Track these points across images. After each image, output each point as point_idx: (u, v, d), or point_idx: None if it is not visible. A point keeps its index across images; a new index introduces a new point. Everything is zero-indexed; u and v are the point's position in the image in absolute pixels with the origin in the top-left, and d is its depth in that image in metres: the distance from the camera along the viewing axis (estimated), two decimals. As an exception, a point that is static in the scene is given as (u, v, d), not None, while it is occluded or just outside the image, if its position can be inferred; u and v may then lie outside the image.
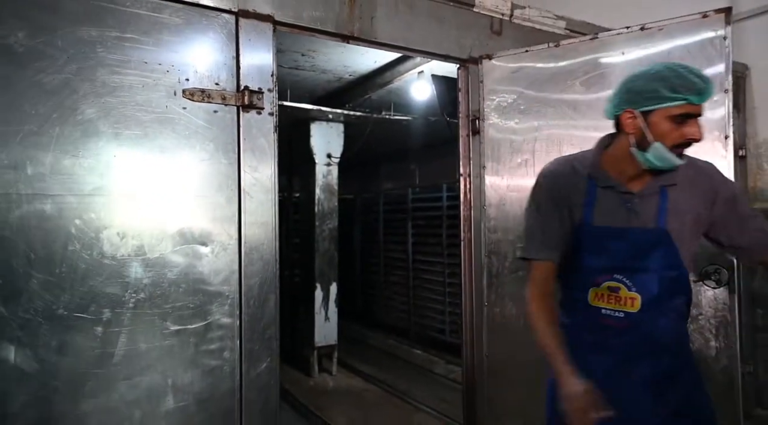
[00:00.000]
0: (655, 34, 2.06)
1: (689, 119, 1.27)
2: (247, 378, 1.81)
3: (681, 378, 1.39)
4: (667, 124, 1.27)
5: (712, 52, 1.93)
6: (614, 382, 1.34)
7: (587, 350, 1.39)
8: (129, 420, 1.61)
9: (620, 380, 1.36)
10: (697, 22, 1.98)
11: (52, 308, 1.51)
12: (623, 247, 1.37)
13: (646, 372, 1.37)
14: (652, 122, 1.29)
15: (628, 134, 1.34)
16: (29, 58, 1.49)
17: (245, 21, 1.84)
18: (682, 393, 1.38)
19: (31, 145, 1.49)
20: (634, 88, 1.32)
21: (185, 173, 1.73)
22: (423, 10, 2.25)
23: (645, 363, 1.37)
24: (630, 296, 1.36)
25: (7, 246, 1.45)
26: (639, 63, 2.11)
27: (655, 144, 1.29)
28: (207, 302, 1.75)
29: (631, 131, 1.32)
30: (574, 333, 1.42)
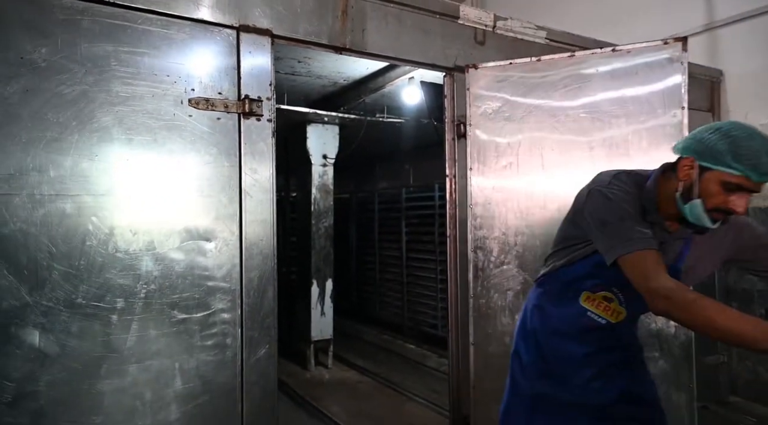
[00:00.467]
0: (624, 55, 2.28)
1: (740, 190, 1.28)
2: (247, 363, 1.98)
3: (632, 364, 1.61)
4: (717, 187, 1.29)
5: (670, 70, 2.14)
6: (589, 365, 1.53)
7: (564, 337, 1.56)
8: (140, 399, 1.77)
9: (594, 363, 1.54)
10: (659, 47, 2.20)
11: (71, 297, 1.68)
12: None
13: (615, 359, 1.56)
14: (705, 178, 1.30)
15: (679, 179, 1.37)
16: (51, 71, 1.65)
17: (245, 35, 2.00)
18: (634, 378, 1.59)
19: (54, 150, 1.65)
20: (705, 140, 1.31)
21: (191, 174, 1.89)
22: (410, 22, 2.41)
23: (614, 354, 1.55)
24: (618, 310, 1.49)
25: (33, 242, 1.62)
26: (610, 76, 2.32)
27: (696, 200, 1.32)
28: (211, 294, 1.92)
29: (683, 178, 1.35)
30: (548, 320, 1.59)
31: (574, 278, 1.52)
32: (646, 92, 2.21)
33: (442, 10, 2.51)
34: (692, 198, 1.33)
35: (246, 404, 1.96)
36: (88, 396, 1.70)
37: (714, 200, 1.30)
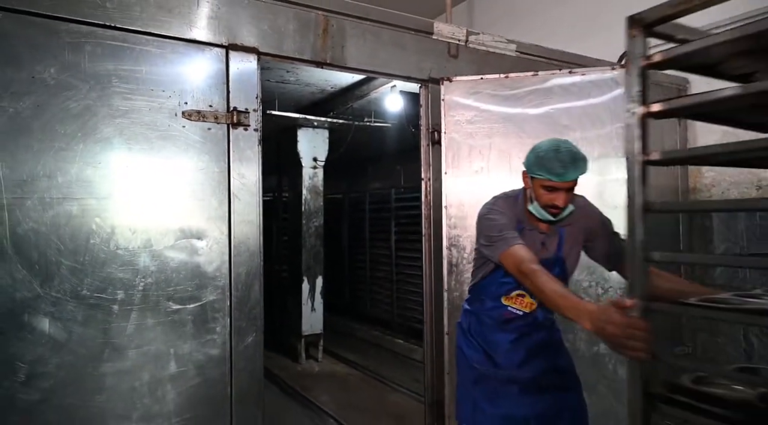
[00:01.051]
0: (578, 76, 2.52)
1: (555, 189, 1.71)
2: (236, 350, 2.18)
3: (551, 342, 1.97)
4: (540, 189, 1.74)
5: (616, 89, 2.43)
6: (515, 350, 1.90)
7: (491, 329, 1.93)
8: (139, 380, 1.98)
9: (519, 348, 1.90)
10: (606, 70, 2.54)
11: (77, 289, 1.88)
12: None
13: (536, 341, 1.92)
14: (534, 184, 1.76)
15: (525, 188, 1.85)
16: (59, 88, 1.86)
17: (234, 53, 2.21)
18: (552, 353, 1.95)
19: (61, 158, 1.86)
20: (529, 156, 1.77)
21: (184, 179, 2.10)
22: (387, 38, 2.62)
23: (532, 336, 1.92)
24: (530, 302, 1.89)
25: (43, 240, 1.82)
26: (568, 90, 2.56)
27: (534, 203, 1.78)
28: (202, 287, 2.13)
29: (526, 187, 1.83)
30: (478, 318, 1.97)
31: (490, 287, 1.91)
32: (596, 107, 2.46)
33: (416, 26, 2.72)
34: (532, 201, 1.78)
35: (235, 387, 2.17)
36: (92, 378, 1.91)
37: (542, 200, 1.74)
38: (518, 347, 1.91)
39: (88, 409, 1.88)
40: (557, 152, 1.69)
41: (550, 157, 1.69)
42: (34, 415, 1.80)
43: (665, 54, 1.17)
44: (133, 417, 1.96)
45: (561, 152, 1.69)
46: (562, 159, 1.68)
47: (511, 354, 1.90)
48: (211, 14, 2.17)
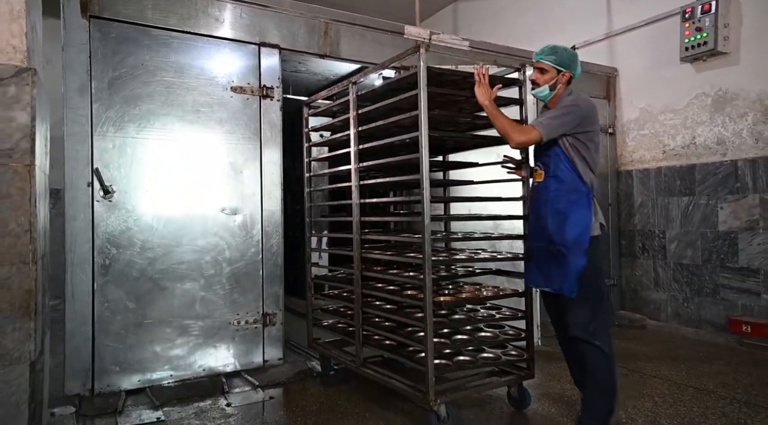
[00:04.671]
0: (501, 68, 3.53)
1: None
2: (265, 247, 3.27)
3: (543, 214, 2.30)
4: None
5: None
6: (531, 223, 2.42)
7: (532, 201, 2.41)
8: (205, 258, 3.07)
9: (531, 221, 2.40)
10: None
11: (170, 195, 2.98)
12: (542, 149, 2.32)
13: (536, 211, 2.34)
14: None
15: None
16: (156, 71, 2.95)
17: (263, 48, 3.30)
18: (541, 224, 2.30)
19: (162, 113, 2.95)
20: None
21: (233, 127, 3.18)
22: (370, 37, 3.69)
23: (534, 208, 2.36)
24: (539, 173, 2.30)
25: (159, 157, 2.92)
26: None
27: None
28: (244, 201, 3.21)
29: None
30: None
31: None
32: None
33: (392, 29, 3.78)
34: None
35: (264, 269, 3.26)
36: (178, 253, 3.00)
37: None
38: (531, 220, 2.37)
39: (175, 271, 2.98)
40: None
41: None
42: (146, 273, 2.90)
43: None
44: (201, 280, 3.05)
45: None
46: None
47: (530, 228, 2.39)
48: (248, 22, 3.25)
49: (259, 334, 3.24)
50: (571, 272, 2.12)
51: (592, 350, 2.13)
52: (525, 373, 2.59)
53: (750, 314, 3.91)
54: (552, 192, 2.23)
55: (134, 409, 2.62)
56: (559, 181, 2.22)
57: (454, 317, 2.62)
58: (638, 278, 4.77)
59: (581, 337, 2.14)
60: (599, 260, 2.25)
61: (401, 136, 2.49)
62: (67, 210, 2.73)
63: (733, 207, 4.05)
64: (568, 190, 2.19)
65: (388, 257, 2.74)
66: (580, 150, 2.19)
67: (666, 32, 4.50)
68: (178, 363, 2.98)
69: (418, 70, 2.26)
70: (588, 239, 2.14)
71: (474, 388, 2.52)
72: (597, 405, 2.16)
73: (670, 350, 3.72)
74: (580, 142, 2.19)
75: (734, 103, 4.07)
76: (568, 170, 2.20)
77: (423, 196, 2.23)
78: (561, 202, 2.20)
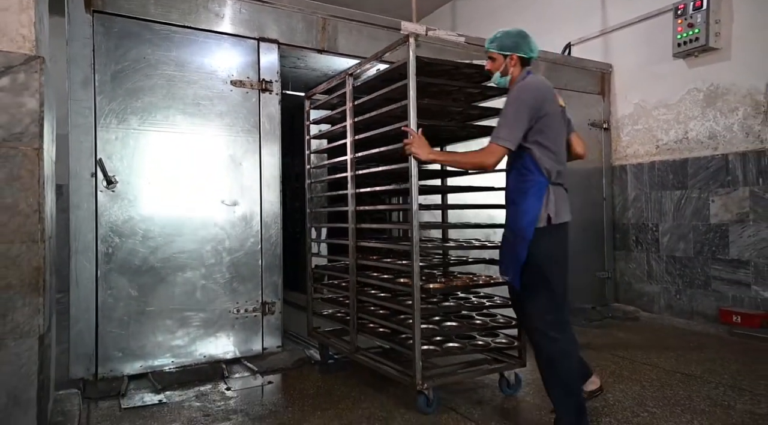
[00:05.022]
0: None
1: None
2: (264, 237, 3.35)
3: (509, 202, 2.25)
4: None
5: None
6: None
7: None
8: (206, 248, 3.14)
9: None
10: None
11: (174, 187, 3.05)
12: None
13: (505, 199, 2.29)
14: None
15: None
16: (157, 65, 3.03)
17: (263, 43, 3.37)
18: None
19: (163, 106, 3.03)
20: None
21: (233, 120, 3.26)
22: (366, 33, 3.77)
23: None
24: (507, 162, 2.23)
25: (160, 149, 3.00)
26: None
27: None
28: (244, 194, 3.29)
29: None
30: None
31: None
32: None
33: (388, 24, 3.86)
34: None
35: (263, 259, 3.34)
36: (179, 242, 3.08)
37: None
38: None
39: (176, 260, 3.06)
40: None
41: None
42: (148, 261, 2.98)
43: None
44: (201, 269, 3.13)
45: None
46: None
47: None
48: (248, 18, 3.32)
49: (259, 322, 3.31)
50: (514, 263, 2.11)
51: (548, 342, 2.05)
52: (516, 361, 2.65)
53: (740, 305, 3.99)
54: (511, 181, 2.22)
55: (137, 392, 2.70)
56: (515, 170, 2.17)
57: (444, 304, 2.70)
58: (632, 270, 4.85)
59: (539, 328, 2.07)
60: (552, 251, 2.09)
61: (392, 126, 2.57)
62: (72, 199, 2.80)
63: (724, 200, 4.12)
64: (522, 179, 2.13)
65: (377, 245, 2.83)
66: (537, 138, 2.09)
67: (659, 28, 4.58)
68: (179, 350, 3.06)
69: (408, 59, 2.34)
70: (532, 231, 2.06)
71: (463, 374, 2.59)
72: (567, 398, 2.04)
73: (661, 339, 3.79)
74: (535, 130, 2.08)
75: (725, 98, 4.15)
76: (523, 159, 2.12)
77: (411, 184, 2.32)
78: (514, 191, 2.18)
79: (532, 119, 2.06)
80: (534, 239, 2.06)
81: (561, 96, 2.29)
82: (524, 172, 2.12)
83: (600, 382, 2.42)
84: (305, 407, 2.51)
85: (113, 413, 2.44)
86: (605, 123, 5.00)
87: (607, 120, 5.02)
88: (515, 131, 2.06)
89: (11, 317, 1.54)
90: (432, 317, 2.69)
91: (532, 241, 2.06)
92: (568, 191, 2.18)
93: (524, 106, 2.06)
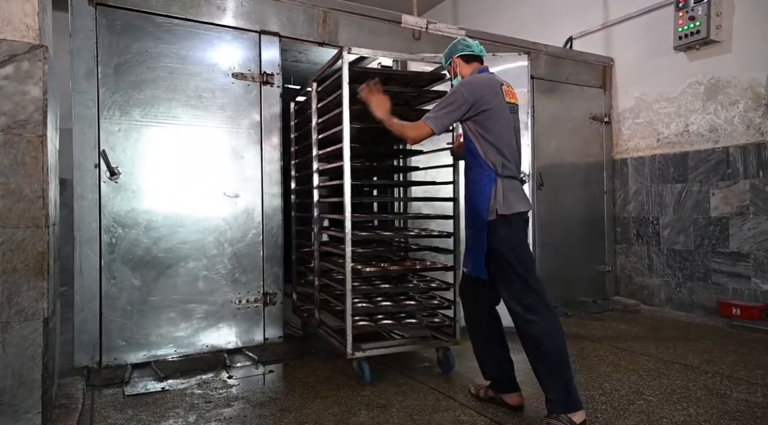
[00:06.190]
0: (499, 58, 3.68)
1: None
2: (266, 228, 3.38)
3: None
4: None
5: (522, 64, 3.61)
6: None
7: None
8: (209, 238, 3.18)
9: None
10: (516, 57, 3.70)
11: (178, 182, 3.09)
12: None
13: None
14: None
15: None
16: (159, 58, 3.06)
17: (264, 36, 3.40)
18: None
19: (165, 99, 3.06)
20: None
21: (234, 112, 3.28)
22: (367, 26, 3.78)
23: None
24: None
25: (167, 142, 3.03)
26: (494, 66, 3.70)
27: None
28: (246, 186, 3.32)
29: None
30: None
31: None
32: (508, 76, 3.61)
33: (389, 18, 3.87)
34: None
35: (265, 250, 3.37)
36: (181, 233, 3.11)
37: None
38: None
39: (179, 250, 3.10)
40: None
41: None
42: (151, 251, 3.02)
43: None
44: (203, 260, 3.17)
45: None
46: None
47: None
48: (249, 11, 3.35)
49: (260, 313, 3.35)
50: (473, 255, 2.21)
51: (528, 325, 2.09)
52: (449, 339, 2.87)
53: (740, 298, 4.00)
54: (466, 177, 2.31)
55: (140, 380, 2.74)
56: (468, 164, 2.28)
57: (382, 286, 3.04)
58: (633, 264, 4.86)
59: (517, 312, 2.12)
60: (510, 241, 2.14)
61: (332, 130, 2.88)
62: (76, 190, 2.84)
63: (724, 193, 4.13)
64: (473, 174, 2.23)
65: (333, 234, 3.15)
66: (480, 132, 2.18)
67: (660, 22, 4.57)
68: (181, 340, 3.10)
69: (342, 71, 2.59)
70: (485, 223, 2.13)
71: (394, 348, 2.84)
72: (555, 377, 2.06)
73: (661, 331, 3.81)
74: (477, 124, 2.18)
75: (726, 91, 4.15)
76: (472, 153, 2.22)
77: (344, 180, 2.61)
78: (468, 185, 2.27)
79: (469, 112, 2.17)
80: (490, 230, 2.14)
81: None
82: (474, 167, 2.23)
83: (521, 402, 2.32)
84: (305, 394, 2.54)
85: (117, 399, 2.48)
86: (606, 117, 5.00)
87: (608, 114, 5.02)
88: (443, 119, 2.19)
89: (16, 300, 1.58)
90: (373, 297, 3.01)
91: (489, 233, 2.14)
92: (524, 183, 2.31)
93: (459, 97, 2.17)
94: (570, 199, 4.78)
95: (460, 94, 2.17)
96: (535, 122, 4.44)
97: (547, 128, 4.62)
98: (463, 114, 2.18)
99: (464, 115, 2.18)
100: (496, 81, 2.26)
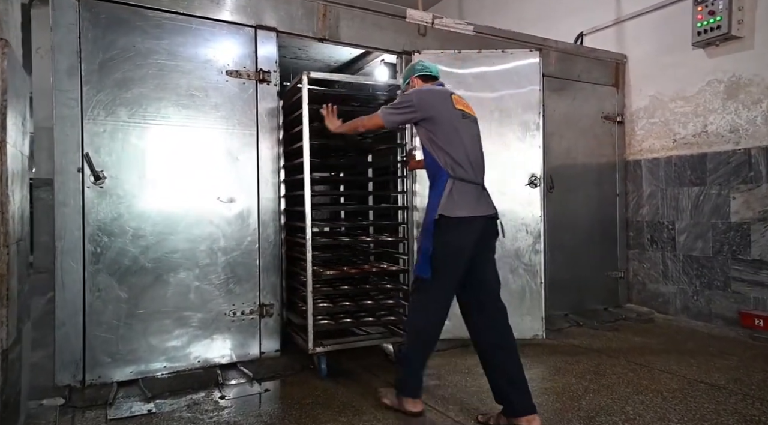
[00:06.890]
0: (509, 55, 3.52)
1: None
2: (261, 236, 3.18)
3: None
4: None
5: (533, 61, 3.48)
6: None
7: None
8: (198, 248, 2.98)
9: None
10: (526, 53, 3.53)
11: (169, 184, 2.89)
12: None
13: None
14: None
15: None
16: (148, 54, 2.85)
17: (260, 31, 3.19)
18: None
19: (154, 98, 2.86)
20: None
21: (229, 112, 3.08)
22: (370, 21, 3.57)
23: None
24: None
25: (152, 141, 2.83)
26: (501, 62, 3.50)
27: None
28: (242, 191, 3.12)
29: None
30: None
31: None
32: (519, 74, 3.43)
33: (394, 12, 3.66)
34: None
35: (261, 259, 3.17)
36: (172, 241, 2.91)
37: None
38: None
39: (169, 260, 2.90)
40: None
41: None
42: (138, 261, 2.82)
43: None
44: (195, 270, 2.97)
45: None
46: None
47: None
48: (245, 4, 3.14)
49: (256, 325, 3.15)
50: (421, 254, 2.29)
51: (413, 302, 2.38)
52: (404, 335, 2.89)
53: (762, 308, 3.79)
54: (430, 184, 2.44)
55: (125, 401, 2.55)
56: (430, 173, 2.41)
57: (342, 287, 3.30)
58: (646, 270, 4.65)
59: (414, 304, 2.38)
60: (448, 244, 2.23)
61: (294, 145, 3.12)
62: (57, 196, 2.65)
63: (745, 197, 3.92)
64: (431, 177, 2.39)
65: (299, 240, 3.15)
66: (432, 138, 2.33)
67: (677, 17, 4.35)
68: (172, 354, 2.90)
69: (302, 92, 2.87)
70: (433, 223, 2.23)
71: (351, 344, 3.07)
72: (415, 350, 2.34)
73: (680, 344, 3.60)
74: (426, 130, 2.34)
75: (748, 89, 3.93)
76: (427, 157, 2.38)
77: (304, 189, 2.91)
78: (429, 189, 2.40)
79: (416, 114, 2.34)
80: (435, 231, 2.23)
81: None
82: (432, 171, 2.38)
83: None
84: (302, 419, 2.35)
85: (98, 424, 2.29)
86: (619, 116, 4.79)
87: (621, 113, 4.81)
88: (393, 116, 2.43)
89: (-29, 331, 1.38)
90: (335, 298, 3.27)
91: (434, 233, 2.23)
92: (485, 189, 2.36)
93: (407, 100, 2.38)
94: (581, 201, 4.56)
95: (409, 98, 2.38)
96: (546, 121, 4.22)
97: (558, 127, 4.40)
98: (411, 116, 2.36)
99: (413, 117, 2.36)
100: (445, 90, 2.44)
